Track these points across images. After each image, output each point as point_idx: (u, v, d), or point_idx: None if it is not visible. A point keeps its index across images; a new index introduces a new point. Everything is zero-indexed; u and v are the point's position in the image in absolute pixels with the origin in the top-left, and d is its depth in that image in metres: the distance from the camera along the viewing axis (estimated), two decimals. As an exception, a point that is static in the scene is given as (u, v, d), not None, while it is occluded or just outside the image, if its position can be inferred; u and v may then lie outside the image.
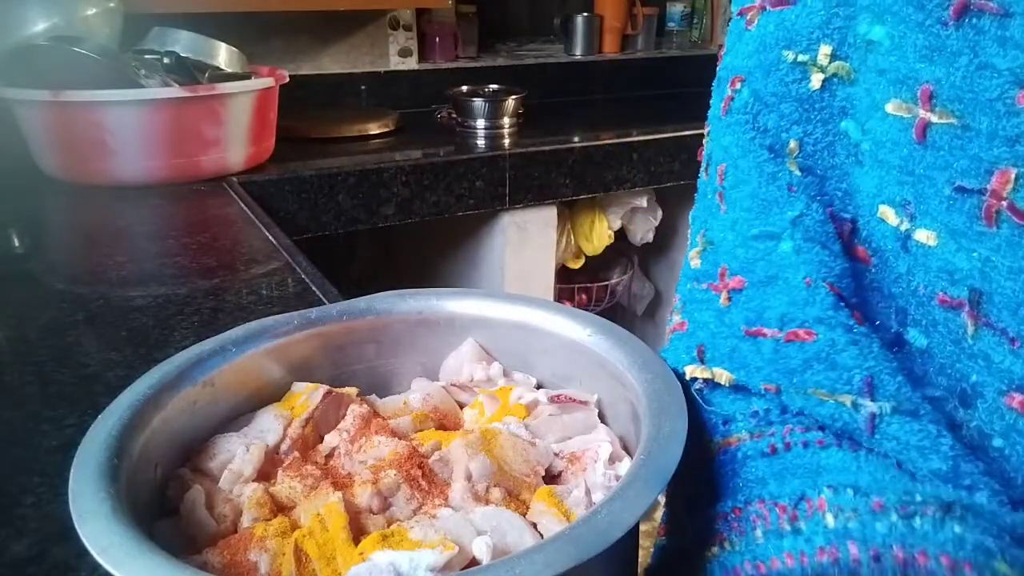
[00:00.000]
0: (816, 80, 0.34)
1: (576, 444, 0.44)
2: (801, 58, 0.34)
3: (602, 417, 0.47)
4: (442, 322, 0.51)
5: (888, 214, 0.32)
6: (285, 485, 0.40)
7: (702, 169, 0.41)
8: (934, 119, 0.29)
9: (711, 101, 0.40)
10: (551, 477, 0.43)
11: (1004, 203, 0.27)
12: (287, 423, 0.45)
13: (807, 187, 0.35)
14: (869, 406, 0.31)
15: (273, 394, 0.48)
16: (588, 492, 0.40)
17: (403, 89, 1.87)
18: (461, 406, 0.50)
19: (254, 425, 0.45)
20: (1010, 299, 0.28)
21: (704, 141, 0.42)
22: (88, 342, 0.67)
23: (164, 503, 0.40)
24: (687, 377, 0.39)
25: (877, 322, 0.34)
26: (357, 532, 0.37)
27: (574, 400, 0.46)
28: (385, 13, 1.80)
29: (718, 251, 0.38)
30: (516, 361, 0.51)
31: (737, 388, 0.37)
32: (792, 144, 0.36)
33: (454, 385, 0.50)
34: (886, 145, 0.32)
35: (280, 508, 0.39)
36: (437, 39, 1.91)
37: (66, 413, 0.55)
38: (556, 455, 0.44)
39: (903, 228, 0.32)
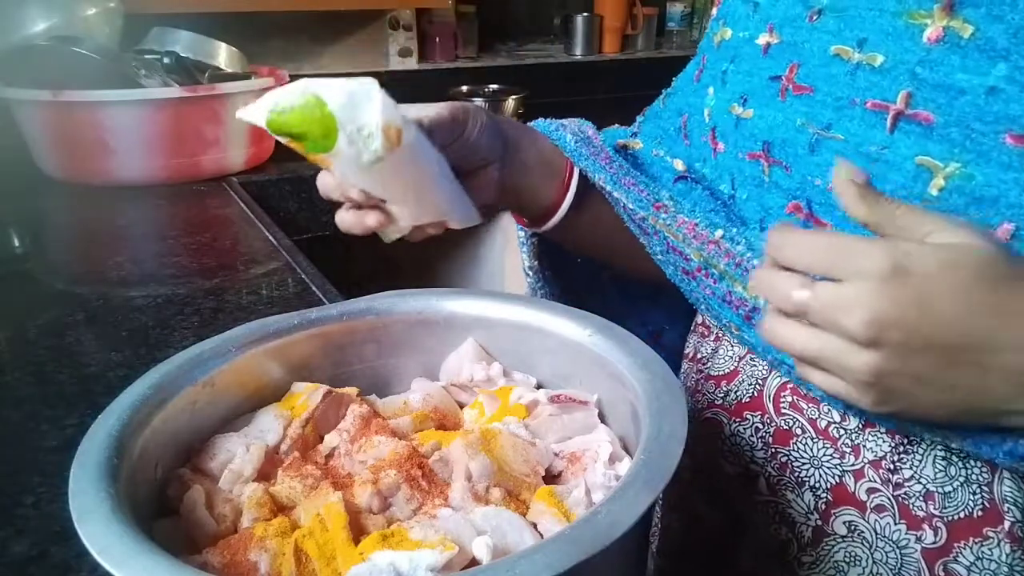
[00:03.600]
0: (716, 39, 0.57)
1: (576, 444, 0.44)
2: (716, 29, 0.58)
3: (602, 417, 0.46)
4: (442, 322, 0.51)
5: (735, 108, 0.51)
6: (285, 485, 0.40)
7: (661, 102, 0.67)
8: (773, 40, 0.49)
9: (688, 70, 0.64)
10: (551, 477, 0.43)
11: (791, 84, 0.47)
12: (287, 423, 0.45)
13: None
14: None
15: (273, 394, 0.48)
16: (588, 492, 0.40)
17: (403, 89, 1.87)
18: (461, 406, 0.50)
19: (254, 425, 0.45)
20: (785, 142, 0.47)
21: (667, 92, 0.66)
22: (88, 342, 0.67)
23: (164, 503, 0.40)
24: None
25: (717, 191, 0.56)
26: (357, 532, 0.37)
27: (574, 400, 0.46)
28: (385, 13, 1.80)
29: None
30: (516, 361, 0.51)
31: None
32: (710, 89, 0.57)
33: (454, 385, 0.50)
34: (745, 62, 0.51)
35: (280, 508, 0.39)
36: (437, 39, 1.91)
37: (66, 413, 0.55)
38: (556, 455, 0.44)
39: (737, 113, 0.51)
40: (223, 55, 1.27)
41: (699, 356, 0.60)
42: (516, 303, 0.50)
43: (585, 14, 2.11)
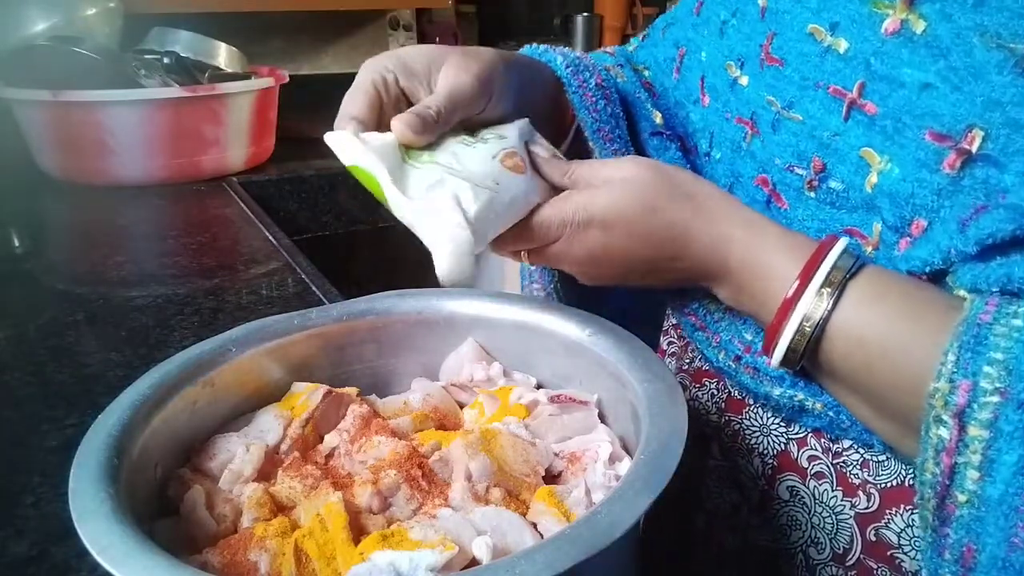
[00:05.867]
0: None
1: (576, 444, 0.44)
2: None
3: (602, 417, 0.46)
4: (442, 322, 0.51)
5: (732, 68, 0.51)
6: (285, 485, 0.40)
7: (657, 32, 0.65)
8: (765, 5, 0.48)
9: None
10: (551, 477, 0.43)
11: (767, 55, 0.47)
12: (287, 423, 0.45)
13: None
14: None
15: (273, 394, 0.48)
16: (588, 492, 0.40)
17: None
18: (461, 406, 0.50)
19: (254, 425, 0.45)
20: (767, 114, 0.47)
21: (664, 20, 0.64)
22: (88, 342, 0.67)
23: (164, 503, 0.40)
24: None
25: (691, 144, 0.57)
26: (357, 532, 0.36)
27: (574, 400, 0.46)
28: (385, 13, 1.80)
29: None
30: (516, 361, 0.51)
31: None
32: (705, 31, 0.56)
33: (454, 385, 0.50)
34: (746, 22, 0.50)
35: (280, 508, 0.39)
36: (437, 39, 1.91)
37: (66, 413, 0.55)
38: (556, 455, 0.44)
39: (734, 75, 0.50)
40: (223, 55, 1.27)
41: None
42: (516, 303, 0.50)
43: (585, 14, 2.11)
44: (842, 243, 0.41)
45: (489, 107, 0.48)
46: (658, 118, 0.57)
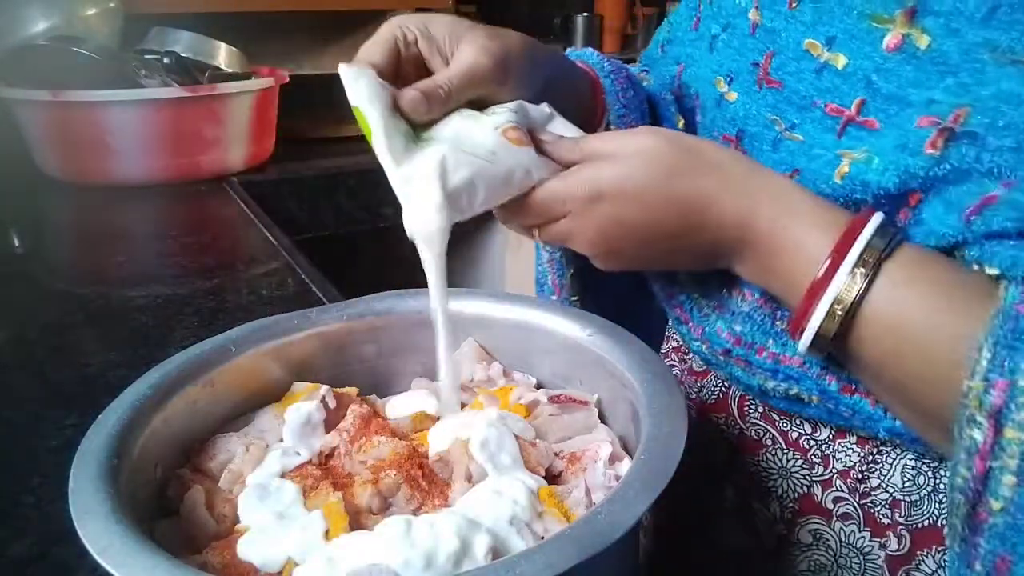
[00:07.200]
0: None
1: (576, 444, 0.44)
2: None
3: (602, 417, 0.46)
4: (442, 322, 0.51)
5: (720, 83, 0.50)
6: (285, 485, 0.40)
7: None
8: (758, 20, 0.47)
9: (681, 11, 0.61)
10: (551, 477, 0.43)
11: (765, 76, 0.46)
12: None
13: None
14: None
15: (273, 394, 0.48)
16: (588, 492, 0.40)
17: (403, 89, 1.87)
18: (461, 406, 0.50)
19: (254, 425, 0.45)
20: (755, 135, 0.47)
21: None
22: (88, 342, 0.67)
23: (164, 503, 0.40)
24: None
25: None
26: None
27: (574, 400, 0.46)
28: (385, 13, 1.80)
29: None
30: (516, 361, 0.51)
31: None
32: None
33: (454, 385, 0.50)
34: (736, 37, 0.49)
35: (280, 508, 0.39)
36: (437, 39, 1.91)
37: (66, 413, 0.55)
38: (556, 455, 0.44)
39: (722, 90, 0.50)
40: (223, 55, 1.27)
41: (681, 346, 0.59)
42: (516, 303, 0.50)
43: (585, 14, 2.11)
44: (877, 219, 0.38)
45: (506, 92, 0.46)
46: (681, 122, 0.56)
